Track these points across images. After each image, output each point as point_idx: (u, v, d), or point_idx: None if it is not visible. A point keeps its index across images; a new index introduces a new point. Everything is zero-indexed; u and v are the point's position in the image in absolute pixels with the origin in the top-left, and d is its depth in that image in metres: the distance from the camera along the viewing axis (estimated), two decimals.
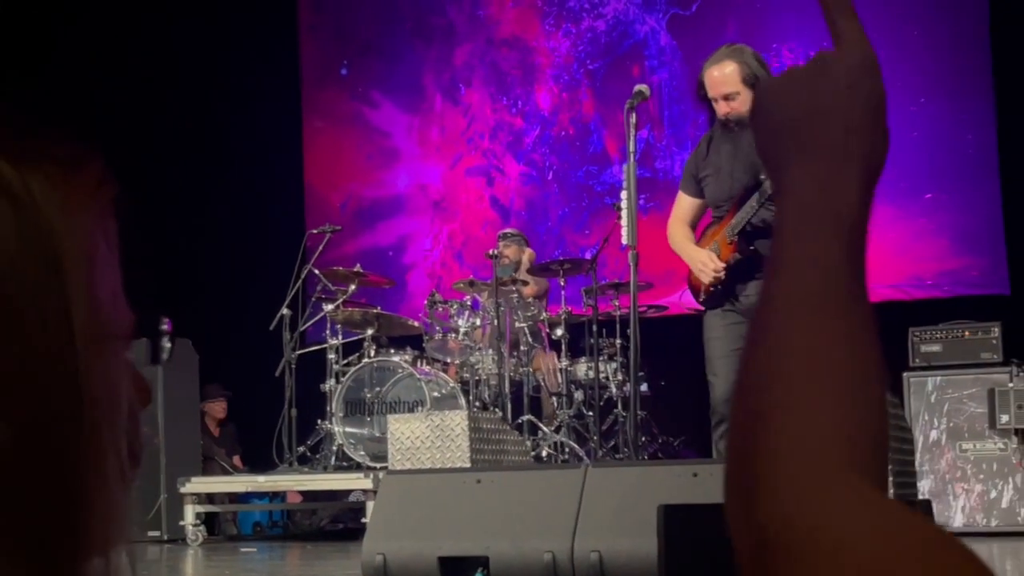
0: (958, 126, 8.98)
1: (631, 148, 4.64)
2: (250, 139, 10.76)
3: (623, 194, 4.76)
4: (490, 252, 7.91)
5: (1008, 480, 6.25)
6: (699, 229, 5.14)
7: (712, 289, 4.91)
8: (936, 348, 6.68)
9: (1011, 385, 6.26)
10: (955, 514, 6.33)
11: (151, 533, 7.70)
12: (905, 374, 6.59)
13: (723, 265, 4.82)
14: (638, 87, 4.79)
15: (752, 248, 4.81)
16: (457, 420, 5.06)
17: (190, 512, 7.40)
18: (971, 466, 6.33)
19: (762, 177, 4.75)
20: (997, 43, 8.89)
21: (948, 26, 9.10)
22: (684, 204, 5.08)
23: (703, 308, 5.11)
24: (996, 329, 6.61)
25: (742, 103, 4.75)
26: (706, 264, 4.85)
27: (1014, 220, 8.77)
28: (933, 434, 6.42)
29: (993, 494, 6.28)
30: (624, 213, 4.78)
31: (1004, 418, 6.23)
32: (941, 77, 9.06)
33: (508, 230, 8.95)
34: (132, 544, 0.70)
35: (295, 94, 10.98)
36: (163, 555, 6.93)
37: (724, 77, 4.76)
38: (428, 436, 5.09)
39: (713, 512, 2.86)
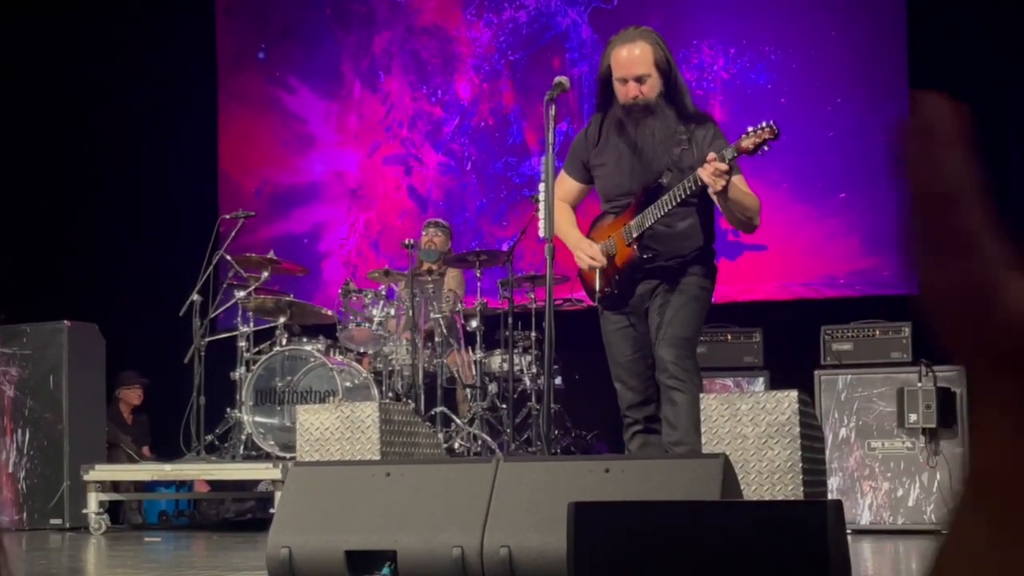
0: (873, 127, 9.07)
1: (550, 140, 4.56)
2: (163, 122, 10.58)
3: (541, 186, 4.69)
4: (406, 241, 7.84)
5: (915, 479, 6.32)
6: (587, 220, 4.95)
7: (608, 291, 4.76)
8: (847, 347, 6.73)
9: (920, 385, 6.33)
10: (862, 512, 6.39)
11: (53, 521, 7.55)
12: (816, 372, 6.64)
13: (604, 262, 4.67)
14: (558, 79, 4.69)
15: (649, 256, 4.65)
16: (367, 411, 4.99)
17: (93, 500, 7.25)
18: (879, 464, 6.39)
19: (663, 181, 4.58)
20: (913, 45, 9.00)
21: (865, 26, 9.19)
22: (568, 186, 4.88)
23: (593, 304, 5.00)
24: (906, 329, 6.68)
25: (651, 88, 4.57)
26: (585, 259, 4.71)
27: None
28: (843, 432, 6.47)
29: (900, 492, 6.35)
30: (541, 205, 4.71)
31: (912, 417, 6.30)
32: (858, 78, 9.15)
33: (438, 219, 8.86)
34: None
35: (210, 77, 10.81)
36: (64, 544, 6.79)
37: (639, 57, 4.55)
38: (337, 427, 5.02)
39: (623, 509, 2.85)
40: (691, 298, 4.65)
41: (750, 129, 4.39)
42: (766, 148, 4.39)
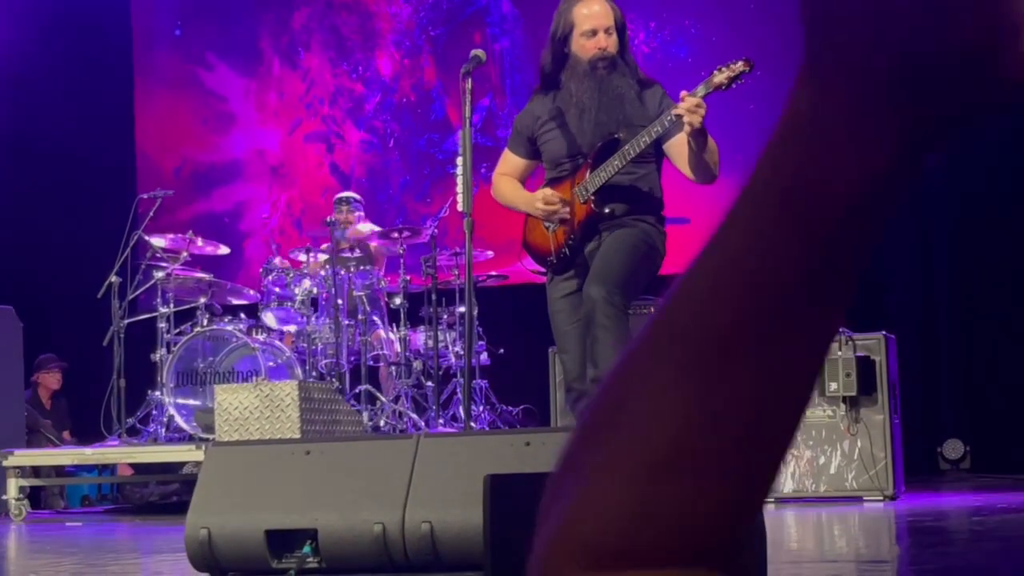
0: None
1: (467, 113, 4.53)
2: (79, 101, 10.40)
3: (459, 160, 4.64)
4: (328, 219, 7.78)
5: (836, 446, 6.39)
6: (531, 188, 4.84)
7: (564, 252, 4.60)
8: None
9: (840, 354, 6.40)
10: (785, 480, 6.45)
11: None
12: None
13: (565, 209, 4.54)
14: (474, 52, 4.67)
15: (609, 211, 4.54)
16: (287, 390, 4.95)
17: (13, 486, 7.14)
18: (801, 433, 6.44)
19: (619, 135, 4.53)
20: None
21: None
22: (511, 161, 4.81)
23: (545, 271, 4.81)
24: None
25: (615, 43, 4.61)
26: (549, 201, 4.56)
27: None
28: None
29: (822, 460, 6.42)
30: (460, 179, 4.66)
31: (833, 386, 6.36)
32: (778, 49, 9.19)
33: (351, 194, 8.71)
34: None
35: (126, 55, 10.63)
36: None
37: (604, 11, 4.60)
38: (257, 406, 4.98)
39: (539, 480, 2.83)
40: (631, 245, 4.54)
41: (720, 67, 4.40)
42: (740, 82, 4.38)
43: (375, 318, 7.95)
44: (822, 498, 6.37)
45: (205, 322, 7.61)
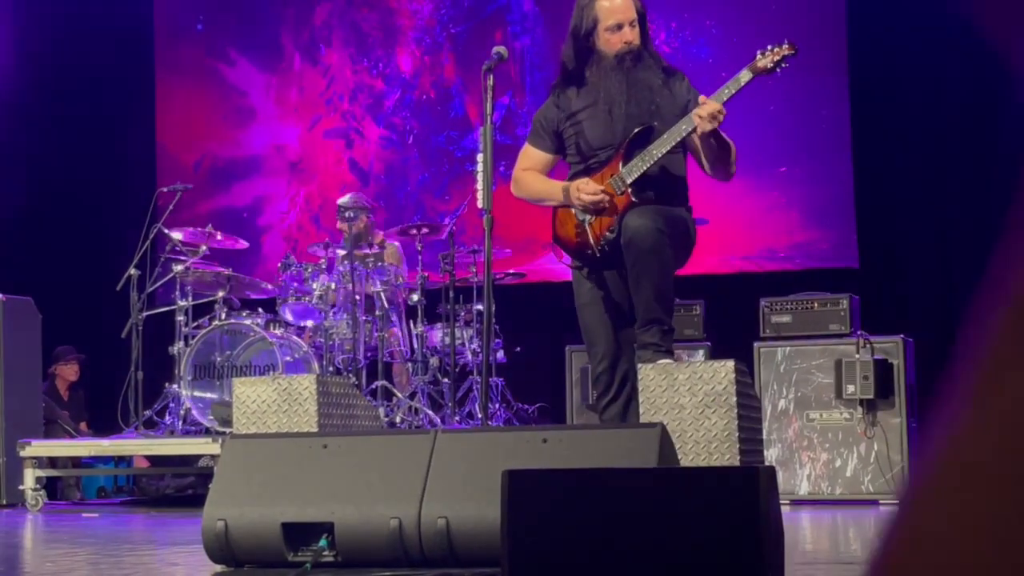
0: (813, 101, 9.11)
1: (488, 110, 4.51)
2: (100, 95, 10.44)
3: (479, 156, 4.62)
4: (347, 214, 7.79)
5: (853, 449, 6.38)
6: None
7: (603, 245, 4.50)
8: (786, 319, 6.77)
9: (857, 356, 6.39)
10: (801, 482, 6.45)
11: None
12: (755, 344, 6.67)
13: (602, 188, 4.48)
14: (496, 48, 4.65)
15: (649, 193, 4.51)
16: (305, 384, 4.95)
17: (30, 476, 7.18)
18: (817, 435, 6.44)
19: (655, 123, 4.50)
20: (853, 18, 9.05)
21: (806, 1, 9.22)
22: (534, 157, 4.75)
23: (581, 264, 4.72)
24: (844, 302, 6.73)
25: (637, 35, 4.59)
26: (587, 197, 4.48)
27: (864, 196, 8.96)
28: (781, 403, 6.52)
29: (838, 463, 6.41)
30: (480, 176, 4.65)
31: (850, 388, 6.35)
32: (799, 53, 9.17)
33: (356, 204, 8.49)
34: None
35: (148, 50, 10.66)
36: (1, 521, 6.71)
37: (627, 4, 4.59)
38: (275, 400, 4.98)
39: (557, 477, 2.85)
40: (672, 218, 4.58)
41: (762, 50, 4.45)
42: (784, 66, 4.43)
43: (392, 315, 7.96)
44: (838, 501, 6.36)
45: (223, 316, 7.63)
